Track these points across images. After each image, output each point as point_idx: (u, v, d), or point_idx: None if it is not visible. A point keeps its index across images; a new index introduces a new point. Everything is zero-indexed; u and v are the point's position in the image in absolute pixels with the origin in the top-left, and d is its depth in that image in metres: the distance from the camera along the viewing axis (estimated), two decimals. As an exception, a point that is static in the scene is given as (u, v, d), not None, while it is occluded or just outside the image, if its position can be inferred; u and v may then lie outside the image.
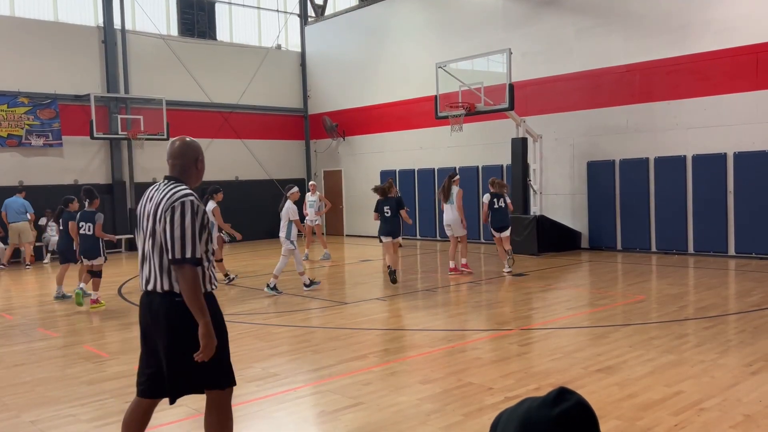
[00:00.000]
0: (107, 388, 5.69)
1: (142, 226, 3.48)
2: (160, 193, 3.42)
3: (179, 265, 3.27)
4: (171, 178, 3.50)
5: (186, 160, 3.55)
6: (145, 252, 3.45)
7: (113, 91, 18.64)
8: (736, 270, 11.83)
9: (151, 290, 3.40)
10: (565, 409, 1.18)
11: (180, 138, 3.63)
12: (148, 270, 3.42)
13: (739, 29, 12.98)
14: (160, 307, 3.36)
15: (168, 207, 3.31)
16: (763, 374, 5.49)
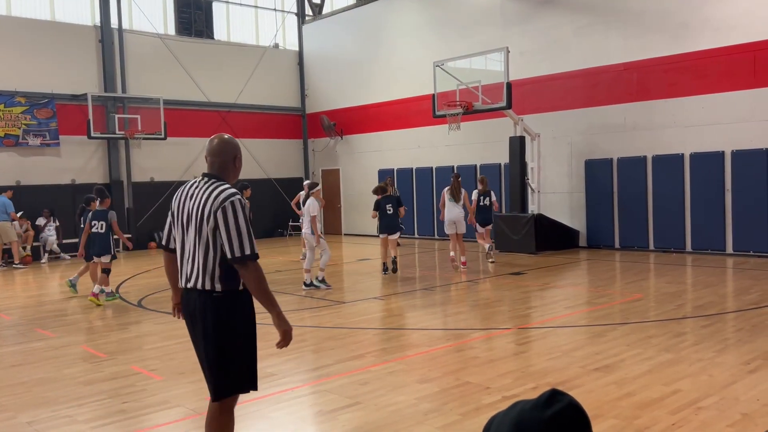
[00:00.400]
0: (105, 389, 5.68)
1: (182, 223, 3.47)
2: (204, 192, 3.39)
3: (242, 263, 3.30)
4: (211, 176, 3.50)
5: (225, 157, 3.55)
6: (187, 249, 3.43)
7: (110, 91, 18.61)
8: (734, 268, 11.84)
9: (191, 287, 3.41)
10: (558, 410, 1.18)
11: (218, 136, 3.63)
12: (189, 267, 3.41)
13: (736, 27, 12.98)
14: (198, 305, 3.37)
15: (218, 207, 3.31)
16: (761, 372, 5.49)
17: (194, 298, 3.38)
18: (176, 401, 5.28)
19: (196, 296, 3.37)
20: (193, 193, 3.44)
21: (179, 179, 19.79)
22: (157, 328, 8.35)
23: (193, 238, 3.38)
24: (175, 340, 7.49)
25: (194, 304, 3.39)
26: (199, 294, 3.37)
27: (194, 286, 3.38)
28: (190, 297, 3.43)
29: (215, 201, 3.32)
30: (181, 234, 3.48)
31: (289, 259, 15.52)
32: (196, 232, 3.37)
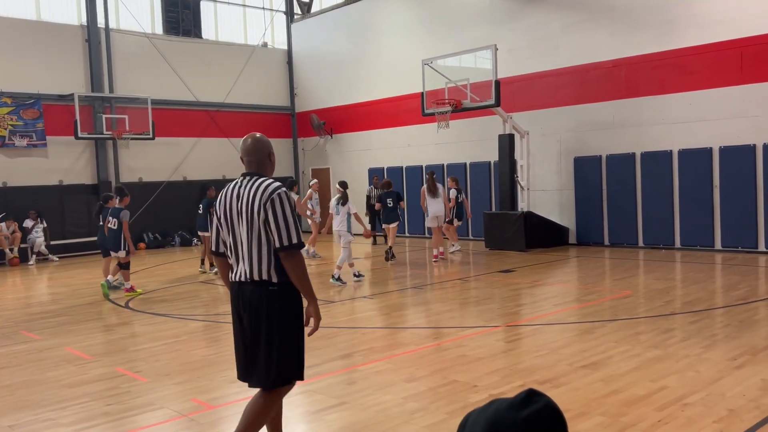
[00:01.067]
0: (88, 391, 5.62)
1: (231, 223, 3.62)
2: (251, 189, 3.57)
3: (288, 252, 3.49)
4: (252, 174, 3.67)
5: (261, 155, 3.74)
6: (240, 247, 3.58)
7: (97, 91, 18.48)
8: (722, 264, 11.88)
9: (245, 281, 3.55)
10: (534, 411, 1.17)
11: (251, 135, 3.78)
12: (243, 263, 3.56)
13: (723, 24, 13.02)
14: (254, 297, 3.52)
15: (267, 200, 3.50)
16: (747, 368, 5.49)
17: (249, 291, 3.53)
18: (161, 403, 5.23)
19: (251, 289, 3.52)
20: (240, 193, 3.61)
21: (168, 179, 19.69)
22: (144, 329, 8.29)
23: (246, 234, 3.55)
24: (162, 342, 7.43)
25: (249, 296, 3.53)
26: (255, 286, 3.52)
27: (249, 279, 3.53)
28: (243, 290, 3.56)
29: (263, 194, 3.52)
30: (231, 234, 3.64)
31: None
32: (248, 227, 3.54)
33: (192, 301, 10.25)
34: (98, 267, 15.26)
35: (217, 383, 5.72)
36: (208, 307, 9.69)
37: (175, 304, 9.94)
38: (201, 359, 6.54)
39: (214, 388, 5.60)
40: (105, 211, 10.92)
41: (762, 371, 5.38)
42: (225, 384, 5.69)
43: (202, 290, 11.22)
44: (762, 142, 12.65)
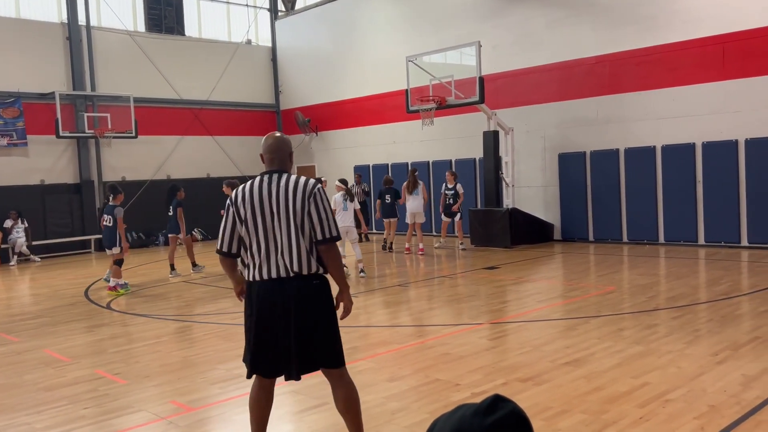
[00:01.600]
0: (66, 394, 5.53)
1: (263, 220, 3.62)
2: (288, 185, 3.65)
3: (328, 244, 3.66)
4: (277, 171, 3.74)
5: (283, 153, 3.81)
6: (277, 243, 3.61)
7: (79, 89, 18.28)
8: (705, 259, 11.93)
9: (286, 276, 3.60)
10: (499, 418, 1.15)
11: (273, 134, 3.86)
12: (284, 258, 3.60)
13: (705, 19, 13.07)
14: (305, 290, 3.61)
15: (310, 194, 3.63)
16: (729, 363, 5.50)
17: (296, 285, 3.60)
18: (139, 406, 5.16)
19: (299, 283, 3.60)
20: (271, 189, 3.64)
21: (152, 178, 19.53)
22: (124, 330, 8.19)
23: (286, 229, 3.61)
24: (142, 343, 7.35)
25: (298, 290, 3.59)
26: (302, 280, 3.61)
27: (293, 273, 3.59)
28: (286, 285, 3.60)
29: (305, 189, 3.64)
30: (262, 231, 3.63)
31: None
32: (288, 222, 3.61)
33: (174, 301, 10.15)
34: (81, 267, 15.15)
35: (197, 385, 5.66)
36: (190, 307, 9.60)
37: (157, 304, 9.84)
38: (181, 360, 6.47)
39: (194, 389, 5.53)
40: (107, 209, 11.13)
41: (743, 366, 5.39)
42: (205, 385, 5.62)
43: (185, 290, 11.12)
44: (744, 137, 12.72)
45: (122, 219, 10.62)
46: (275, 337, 3.65)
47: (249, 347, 3.75)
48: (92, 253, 18.18)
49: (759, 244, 12.64)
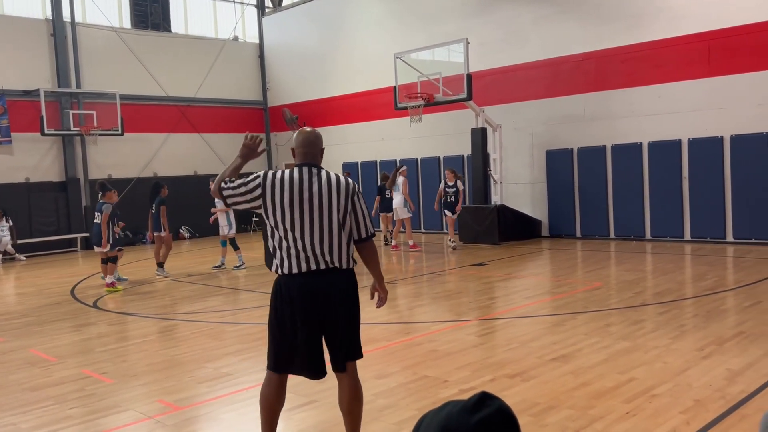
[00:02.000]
0: (52, 394, 5.49)
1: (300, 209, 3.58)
2: (328, 180, 3.66)
3: (370, 241, 3.83)
4: (314, 165, 3.74)
5: (317, 149, 3.81)
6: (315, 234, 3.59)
7: (64, 86, 18.12)
8: (691, 254, 12.03)
9: (325, 268, 3.60)
10: (486, 416, 1.16)
11: (306, 130, 3.85)
12: (321, 248, 3.59)
13: (690, 17, 13.15)
14: (342, 284, 3.66)
15: (353, 193, 3.71)
16: (714, 358, 5.55)
17: (335, 278, 3.63)
18: (126, 405, 5.13)
19: (337, 277, 3.64)
20: (312, 183, 3.63)
21: (138, 176, 19.41)
22: (111, 329, 8.14)
23: (328, 224, 3.62)
24: (129, 342, 7.31)
25: (336, 283, 3.63)
26: (343, 274, 3.67)
27: (329, 267, 3.61)
28: (327, 277, 3.61)
29: (347, 187, 3.70)
30: (301, 223, 3.60)
31: (251, 255, 15.33)
32: (330, 218, 3.62)
33: (161, 300, 10.10)
34: (67, 266, 15.04)
35: (185, 384, 5.63)
36: (177, 306, 9.56)
37: (144, 303, 9.79)
38: (168, 359, 6.44)
39: (182, 388, 5.51)
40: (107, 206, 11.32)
41: (727, 361, 5.45)
42: (192, 384, 5.60)
43: (172, 289, 11.07)
44: (729, 133, 12.83)
45: (108, 216, 10.57)
46: (313, 329, 3.63)
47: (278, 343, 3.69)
48: (78, 252, 18.05)
49: (744, 240, 12.76)
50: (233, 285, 11.11)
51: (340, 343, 3.69)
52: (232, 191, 3.72)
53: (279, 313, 3.67)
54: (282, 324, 3.65)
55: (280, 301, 3.66)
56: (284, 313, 3.63)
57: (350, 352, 3.75)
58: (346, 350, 3.72)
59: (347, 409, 3.80)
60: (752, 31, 12.45)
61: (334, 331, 3.67)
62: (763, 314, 7.07)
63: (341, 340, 3.69)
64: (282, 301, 3.65)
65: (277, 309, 3.68)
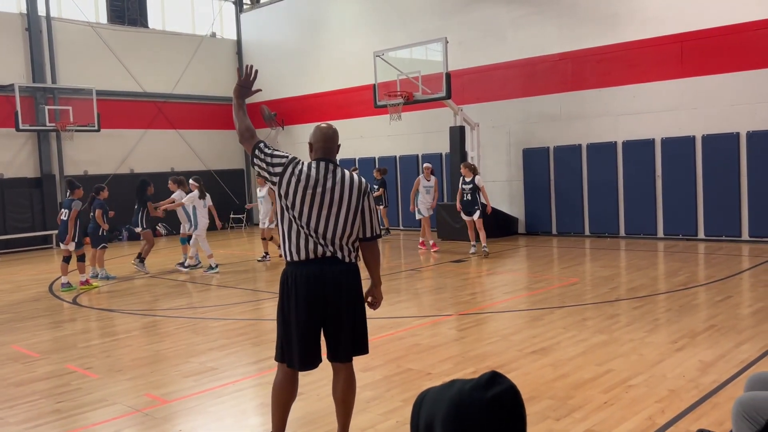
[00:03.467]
0: (37, 389, 5.50)
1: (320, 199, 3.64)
2: (345, 177, 3.73)
3: (375, 241, 3.89)
4: (332, 161, 3.81)
5: (334, 144, 3.87)
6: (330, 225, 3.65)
7: (39, 81, 17.90)
8: (664, 251, 12.31)
9: (331, 257, 3.66)
10: (498, 392, 1.21)
11: (324, 124, 3.92)
12: (334, 245, 3.67)
13: (664, 19, 13.44)
14: (348, 275, 3.70)
15: (365, 192, 3.78)
16: (687, 350, 5.75)
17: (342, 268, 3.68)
18: (113, 399, 5.17)
19: (344, 267, 3.69)
20: (327, 178, 3.69)
21: (114, 172, 19.25)
22: (94, 325, 8.14)
23: (338, 219, 3.67)
24: (113, 337, 7.32)
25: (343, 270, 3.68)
26: (347, 267, 3.71)
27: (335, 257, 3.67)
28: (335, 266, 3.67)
29: (361, 186, 3.77)
30: (315, 216, 3.65)
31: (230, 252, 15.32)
32: (339, 213, 3.68)
33: (143, 296, 10.09)
34: (43, 263, 14.89)
35: (171, 377, 5.68)
36: (159, 302, 9.56)
37: (126, 299, 9.77)
38: (153, 354, 6.47)
39: (168, 382, 5.56)
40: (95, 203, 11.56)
41: (700, 353, 5.65)
42: (179, 378, 5.65)
43: (154, 285, 11.05)
44: (701, 133, 13.14)
45: (76, 213, 10.50)
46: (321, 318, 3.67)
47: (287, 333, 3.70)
48: (54, 249, 17.86)
49: (715, 237, 13.10)
50: (213, 282, 11.12)
51: (347, 335, 3.71)
52: (261, 154, 3.83)
53: (285, 303, 3.71)
54: (288, 313, 3.69)
55: (287, 289, 3.70)
56: (290, 301, 3.67)
57: (358, 346, 3.79)
58: (353, 343, 3.75)
59: (341, 398, 3.87)
60: (724, 33, 12.77)
61: (338, 320, 3.69)
62: (733, 308, 7.31)
63: (349, 331, 3.71)
64: (289, 287, 3.68)
65: (284, 298, 3.72)
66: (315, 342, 3.72)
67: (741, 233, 12.82)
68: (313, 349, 3.72)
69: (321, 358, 3.79)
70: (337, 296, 3.66)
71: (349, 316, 3.70)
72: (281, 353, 3.78)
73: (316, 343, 3.74)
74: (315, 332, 3.71)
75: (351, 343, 3.75)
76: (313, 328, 3.69)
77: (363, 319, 3.81)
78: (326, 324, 3.72)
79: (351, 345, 3.75)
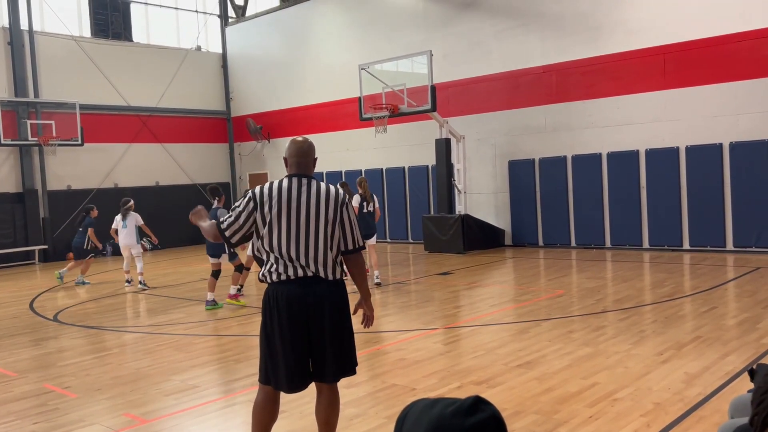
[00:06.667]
0: (14, 410, 5.38)
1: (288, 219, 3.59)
2: (319, 191, 3.66)
3: (358, 253, 3.79)
4: (306, 175, 3.72)
5: (310, 159, 3.79)
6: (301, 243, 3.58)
7: (21, 95, 17.75)
8: (650, 262, 12.33)
9: (312, 275, 3.59)
10: (480, 420, 1.16)
11: (299, 138, 3.84)
12: (313, 262, 3.59)
13: (647, 31, 13.56)
14: (330, 294, 3.62)
15: (342, 204, 3.69)
16: (673, 362, 5.72)
17: (323, 289, 3.60)
18: (92, 419, 5.05)
19: (325, 287, 3.61)
20: (301, 193, 3.63)
21: (98, 186, 19.08)
22: (73, 343, 7.99)
23: (314, 235, 3.61)
24: (92, 355, 7.19)
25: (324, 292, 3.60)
26: (329, 285, 3.63)
27: (316, 276, 3.60)
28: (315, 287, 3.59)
29: (337, 198, 3.68)
30: (288, 234, 3.59)
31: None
32: (318, 229, 3.61)
33: (124, 312, 9.95)
34: (24, 279, 14.68)
35: (151, 396, 5.57)
36: (141, 318, 9.43)
37: (106, 315, 9.63)
38: (134, 372, 6.36)
39: (148, 401, 5.45)
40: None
41: (686, 365, 5.62)
42: (159, 397, 5.55)
43: (135, 301, 10.91)
44: (684, 144, 13.23)
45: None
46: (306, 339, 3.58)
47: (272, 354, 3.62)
48: (36, 265, 17.63)
49: (699, 247, 13.15)
50: (196, 297, 11.00)
51: (332, 356, 3.63)
52: (231, 227, 3.69)
53: (269, 324, 3.63)
54: (271, 335, 3.61)
55: (269, 310, 3.63)
56: (273, 323, 3.59)
57: (345, 367, 3.72)
58: (338, 365, 3.67)
59: (324, 419, 3.80)
60: (706, 45, 12.89)
61: (322, 341, 3.61)
62: (718, 319, 7.31)
63: (334, 352, 3.63)
64: (271, 309, 3.61)
65: (267, 320, 3.64)
66: (302, 363, 3.63)
67: (725, 243, 12.88)
68: (301, 371, 3.63)
69: (309, 379, 3.70)
70: (320, 317, 3.58)
71: (334, 337, 3.62)
72: (265, 375, 3.69)
73: (304, 365, 3.64)
74: (301, 354, 3.61)
75: (336, 364, 3.67)
76: (299, 350, 3.59)
77: (350, 339, 3.72)
78: (311, 344, 3.63)
79: (336, 366, 3.67)
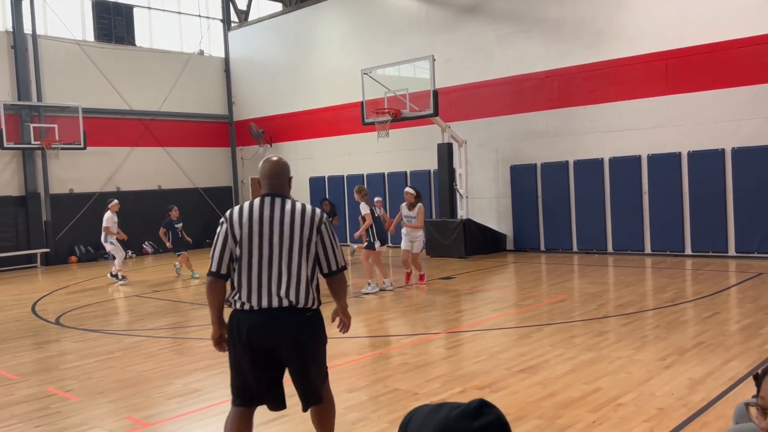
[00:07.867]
0: (16, 413, 5.38)
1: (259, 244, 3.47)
2: (293, 212, 3.53)
3: (340, 274, 3.67)
4: (281, 196, 3.61)
5: (283, 179, 3.68)
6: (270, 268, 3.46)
7: (24, 99, 17.78)
8: (652, 267, 12.32)
9: (277, 306, 3.44)
10: (486, 423, 1.17)
11: (271, 158, 3.72)
12: (282, 287, 3.45)
13: (649, 37, 13.57)
14: (297, 326, 3.49)
15: (320, 223, 3.56)
16: (676, 368, 5.71)
17: (287, 320, 3.46)
18: (94, 422, 5.05)
19: (290, 318, 3.47)
20: (273, 215, 3.50)
21: (101, 190, 19.10)
22: (75, 346, 7.99)
23: (287, 258, 3.48)
24: (95, 358, 7.19)
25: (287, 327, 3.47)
26: (294, 314, 3.47)
27: (286, 305, 3.44)
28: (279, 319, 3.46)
29: (314, 218, 3.55)
30: (259, 257, 3.47)
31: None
32: (291, 252, 3.48)
33: (126, 316, 9.96)
34: (26, 282, 14.69)
35: (153, 400, 5.57)
36: (142, 322, 9.43)
37: (108, 319, 9.63)
38: (135, 376, 6.36)
39: (150, 405, 5.45)
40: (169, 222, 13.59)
41: (689, 370, 5.61)
42: (161, 400, 5.54)
43: (136, 305, 10.91)
44: (687, 149, 13.23)
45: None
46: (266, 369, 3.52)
47: (238, 378, 3.57)
48: (38, 268, 17.65)
49: (702, 253, 13.13)
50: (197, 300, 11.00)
51: (299, 387, 3.61)
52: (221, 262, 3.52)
53: (235, 350, 3.54)
54: (238, 360, 3.53)
55: (234, 338, 3.52)
56: (238, 350, 3.51)
57: (309, 399, 3.64)
58: (305, 395, 3.63)
59: (318, 423, 3.80)
60: (708, 50, 12.90)
61: (290, 370, 3.58)
62: (721, 324, 7.30)
63: (299, 383, 3.60)
64: (234, 338, 3.51)
65: (232, 345, 3.55)
66: (276, 387, 3.59)
67: (727, 249, 12.87)
68: (275, 393, 3.59)
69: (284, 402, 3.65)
70: (284, 353, 3.51)
71: (299, 375, 3.57)
72: (234, 397, 3.62)
73: (278, 388, 3.60)
74: (272, 379, 3.57)
75: (303, 395, 3.63)
76: (266, 381, 3.54)
77: (316, 373, 3.62)
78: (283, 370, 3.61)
79: (302, 396, 3.64)
